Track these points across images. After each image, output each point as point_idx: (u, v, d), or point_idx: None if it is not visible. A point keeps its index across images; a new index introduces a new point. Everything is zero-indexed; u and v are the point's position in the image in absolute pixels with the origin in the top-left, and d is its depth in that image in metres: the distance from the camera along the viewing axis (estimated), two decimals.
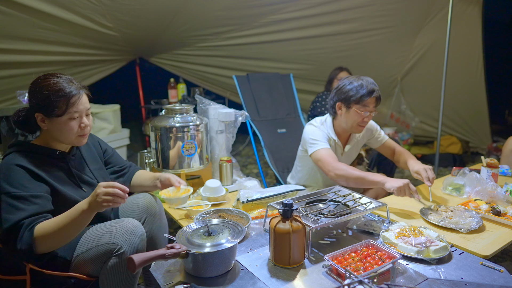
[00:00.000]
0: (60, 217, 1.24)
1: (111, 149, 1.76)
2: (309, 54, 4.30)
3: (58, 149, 1.44)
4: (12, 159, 1.32)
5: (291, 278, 1.26)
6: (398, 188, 1.79)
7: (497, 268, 1.29)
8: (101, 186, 1.22)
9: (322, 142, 2.10)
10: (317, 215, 1.52)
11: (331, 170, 1.98)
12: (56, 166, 1.42)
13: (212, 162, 2.47)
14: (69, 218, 1.23)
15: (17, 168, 1.29)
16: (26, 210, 1.24)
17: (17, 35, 3.00)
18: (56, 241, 1.25)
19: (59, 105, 1.33)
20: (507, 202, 1.83)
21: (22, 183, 1.28)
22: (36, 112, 1.36)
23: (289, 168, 2.81)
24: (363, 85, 2.01)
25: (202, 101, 2.50)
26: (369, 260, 1.27)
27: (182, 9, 3.45)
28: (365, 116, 2.05)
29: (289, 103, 3.26)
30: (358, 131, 2.15)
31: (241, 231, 1.35)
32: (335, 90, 2.14)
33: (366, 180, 1.91)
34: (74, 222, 1.23)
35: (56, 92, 1.33)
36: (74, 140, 1.42)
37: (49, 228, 1.22)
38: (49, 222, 1.24)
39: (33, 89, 1.37)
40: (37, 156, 1.38)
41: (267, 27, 3.91)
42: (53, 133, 1.39)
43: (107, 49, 3.86)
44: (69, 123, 1.37)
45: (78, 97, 1.37)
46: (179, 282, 1.25)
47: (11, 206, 1.24)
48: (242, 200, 1.86)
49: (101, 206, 1.22)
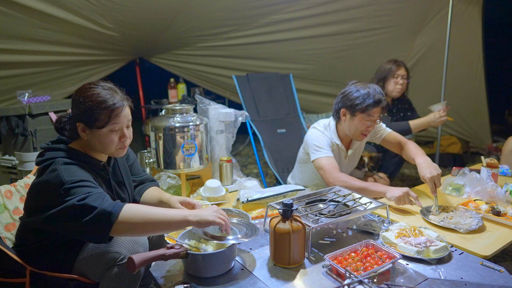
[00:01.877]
0: (156, 208, 1.22)
1: (133, 155, 1.72)
2: (309, 54, 4.30)
3: (96, 158, 1.41)
4: (64, 161, 1.28)
5: (291, 278, 1.26)
6: (397, 198, 1.79)
7: (497, 268, 1.30)
8: (219, 210, 1.28)
9: (325, 150, 2.08)
10: (317, 215, 1.52)
11: (331, 182, 1.98)
12: (99, 176, 1.40)
13: (212, 162, 2.47)
14: (166, 216, 1.20)
15: (74, 166, 1.27)
16: (102, 191, 1.23)
17: (17, 35, 3.00)
18: (138, 228, 1.19)
19: (101, 117, 1.30)
20: (507, 202, 1.83)
21: (86, 175, 1.26)
22: (78, 122, 1.33)
23: (289, 168, 2.81)
24: (370, 94, 1.98)
25: (202, 101, 2.50)
26: (369, 260, 1.28)
27: (182, 10, 3.45)
28: (368, 125, 2.04)
29: (289, 103, 3.26)
30: (360, 139, 2.14)
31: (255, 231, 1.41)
32: (341, 96, 2.11)
33: (367, 191, 1.88)
34: (168, 222, 1.20)
35: (99, 104, 1.29)
36: (113, 152, 1.39)
37: (140, 211, 1.18)
38: (141, 207, 1.21)
39: (76, 99, 1.33)
40: (83, 164, 1.34)
41: (267, 27, 3.90)
42: (92, 144, 1.36)
43: (107, 49, 3.86)
44: (110, 135, 1.34)
45: (121, 109, 1.34)
46: (179, 282, 1.25)
47: (84, 187, 1.19)
48: (242, 200, 1.86)
49: (211, 219, 1.23)
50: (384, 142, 2.30)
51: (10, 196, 1.60)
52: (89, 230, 1.15)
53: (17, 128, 2.50)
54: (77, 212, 1.14)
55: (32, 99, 2.73)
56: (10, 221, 1.55)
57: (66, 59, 3.58)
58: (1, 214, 1.53)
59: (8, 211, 1.56)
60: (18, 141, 2.55)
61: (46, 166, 1.27)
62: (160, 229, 1.22)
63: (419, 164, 1.96)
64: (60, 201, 1.17)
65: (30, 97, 2.73)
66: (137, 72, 4.72)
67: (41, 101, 2.74)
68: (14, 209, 1.58)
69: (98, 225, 1.14)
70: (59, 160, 1.27)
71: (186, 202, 1.55)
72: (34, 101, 2.71)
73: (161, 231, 1.24)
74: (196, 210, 1.28)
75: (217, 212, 1.27)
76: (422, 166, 1.93)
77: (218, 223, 1.25)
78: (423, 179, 1.89)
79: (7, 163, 2.61)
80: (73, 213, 1.15)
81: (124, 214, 1.16)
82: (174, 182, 2.19)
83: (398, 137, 2.25)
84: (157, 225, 1.20)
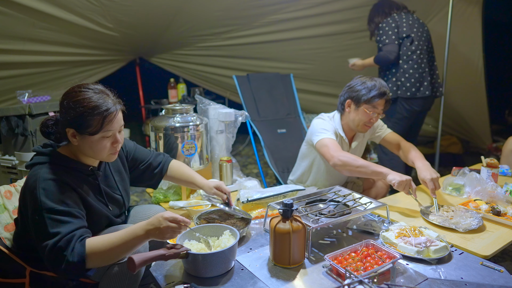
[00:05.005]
0: (111, 236, 1.19)
1: (132, 144, 1.67)
2: (309, 54, 4.30)
3: (86, 163, 1.37)
4: (47, 172, 1.24)
5: (291, 278, 1.26)
6: (399, 182, 1.79)
7: (497, 268, 1.29)
8: (163, 216, 1.20)
9: (329, 133, 2.12)
10: (317, 215, 1.52)
11: (334, 156, 1.97)
12: (86, 181, 1.36)
13: (212, 162, 2.46)
14: (121, 240, 1.18)
15: (53, 183, 1.22)
16: (73, 223, 1.18)
17: (17, 35, 3.00)
18: (105, 259, 1.19)
19: (94, 123, 1.24)
20: (507, 202, 1.83)
21: (62, 199, 1.21)
22: (67, 127, 1.27)
23: (289, 168, 2.81)
24: (375, 86, 2.04)
25: (202, 101, 2.50)
26: (369, 260, 1.27)
27: (182, 10, 3.45)
28: (372, 116, 2.06)
29: (289, 103, 3.26)
30: (363, 130, 2.16)
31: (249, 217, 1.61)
32: (346, 88, 2.16)
33: (369, 170, 1.90)
34: (126, 245, 1.18)
35: (92, 110, 1.23)
36: (105, 157, 1.35)
37: (99, 245, 1.16)
38: (99, 239, 1.19)
39: (65, 104, 1.25)
40: (69, 170, 1.30)
41: (267, 27, 3.90)
42: (83, 149, 1.31)
43: (107, 49, 3.86)
44: (102, 141, 1.28)
45: (114, 115, 1.28)
46: (179, 282, 1.25)
47: (55, 220, 1.16)
48: (242, 200, 1.86)
49: (163, 233, 1.19)
50: (384, 142, 2.32)
51: (10, 196, 1.60)
52: (68, 276, 1.18)
53: (17, 128, 2.50)
54: (51, 260, 1.14)
55: (32, 99, 2.73)
56: (10, 221, 1.55)
57: (66, 59, 3.58)
58: (1, 214, 1.53)
59: (7, 211, 1.56)
60: (18, 141, 2.56)
61: (30, 176, 1.26)
62: (123, 251, 1.20)
63: (419, 167, 1.98)
64: (36, 228, 1.18)
65: (30, 97, 2.73)
66: (137, 72, 4.72)
67: (41, 101, 2.74)
68: (14, 209, 1.57)
69: (73, 273, 1.16)
70: (40, 176, 1.23)
71: (220, 187, 1.71)
72: (34, 101, 2.71)
73: (126, 252, 1.20)
74: (146, 224, 1.21)
75: (162, 219, 1.21)
76: (422, 169, 1.96)
77: (168, 235, 1.22)
78: (423, 181, 1.91)
79: (7, 163, 2.61)
80: (47, 259, 1.15)
81: (89, 252, 1.14)
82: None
83: (398, 138, 2.27)
84: (118, 249, 1.18)
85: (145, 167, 1.68)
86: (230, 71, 4.34)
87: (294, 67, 4.36)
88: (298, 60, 4.38)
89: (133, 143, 1.69)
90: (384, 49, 2.92)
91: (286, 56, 4.34)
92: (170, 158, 1.79)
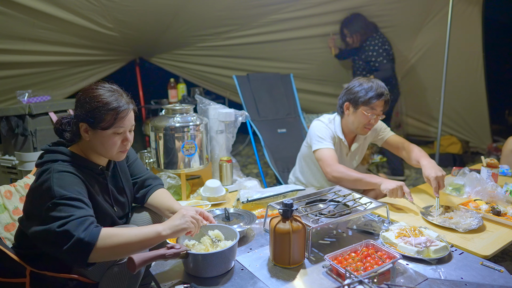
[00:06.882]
0: (130, 229, 1.20)
1: (133, 155, 1.68)
2: (309, 54, 4.30)
3: (97, 162, 1.40)
4: (61, 166, 1.27)
5: (291, 278, 1.26)
6: (390, 190, 1.81)
7: (497, 268, 1.30)
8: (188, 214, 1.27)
9: (326, 142, 2.11)
10: (317, 215, 1.52)
11: (329, 172, 2.01)
12: (96, 180, 1.39)
13: (212, 162, 2.47)
14: (140, 235, 1.18)
15: (67, 175, 1.25)
16: (86, 209, 1.19)
17: (17, 35, 3.00)
18: (116, 252, 1.17)
19: (107, 118, 1.30)
20: (507, 202, 1.83)
21: (76, 188, 1.23)
22: (81, 122, 1.32)
23: (289, 168, 2.81)
24: (372, 87, 2.02)
25: (202, 101, 2.50)
26: (369, 260, 1.27)
27: (182, 10, 3.45)
28: (371, 118, 2.05)
29: (289, 103, 3.26)
30: (363, 132, 2.15)
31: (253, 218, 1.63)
32: (345, 90, 2.16)
33: (363, 182, 1.93)
34: (144, 241, 1.18)
35: (105, 105, 1.29)
36: (114, 155, 1.38)
37: (116, 235, 1.15)
38: (117, 230, 1.18)
39: (81, 98, 1.32)
40: (80, 168, 1.33)
41: (267, 27, 3.90)
42: (94, 145, 1.35)
43: (107, 49, 3.85)
44: (113, 137, 1.33)
45: (126, 112, 1.34)
46: (179, 282, 1.25)
47: (69, 206, 1.16)
48: (242, 200, 1.86)
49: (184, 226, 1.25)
50: (386, 145, 2.30)
51: (10, 196, 1.60)
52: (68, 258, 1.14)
53: (17, 128, 2.50)
54: (57, 239, 1.12)
55: (32, 99, 2.73)
56: (10, 221, 1.55)
57: (66, 59, 3.58)
58: (1, 214, 1.53)
59: (8, 211, 1.56)
60: (18, 141, 2.55)
61: (42, 171, 1.26)
62: (136, 249, 1.19)
63: (424, 165, 1.96)
64: (47, 215, 1.15)
65: (30, 97, 2.73)
66: (137, 72, 4.72)
67: (41, 101, 2.74)
68: (14, 209, 1.58)
69: (76, 255, 1.12)
70: (54, 168, 1.25)
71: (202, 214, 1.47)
72: (34, 101, 2.71)
73: (138, 250, 1.19)
74: (168, 221, 1.26)
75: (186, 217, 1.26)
76: (427, 167, 1.93)
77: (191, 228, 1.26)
78: (427, 179, 1.89)
79: (7, 163, 2.61)
80: (53, 239, 1.13)
81: (101, 241, 1.12)
82: (174, 182, 2.19)
83: (401, 140, 2.25)
84: (132, 246, 1.17)
85: (134, 182, 1.64)
86: (230, 71, 4.34)
87: (294, 67, 4.36)
88: (298, 60, 4.38)
89: (136, 155, 1.71)
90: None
91: (286, 56, 4.34)
92: (159, 186, 1.68)
